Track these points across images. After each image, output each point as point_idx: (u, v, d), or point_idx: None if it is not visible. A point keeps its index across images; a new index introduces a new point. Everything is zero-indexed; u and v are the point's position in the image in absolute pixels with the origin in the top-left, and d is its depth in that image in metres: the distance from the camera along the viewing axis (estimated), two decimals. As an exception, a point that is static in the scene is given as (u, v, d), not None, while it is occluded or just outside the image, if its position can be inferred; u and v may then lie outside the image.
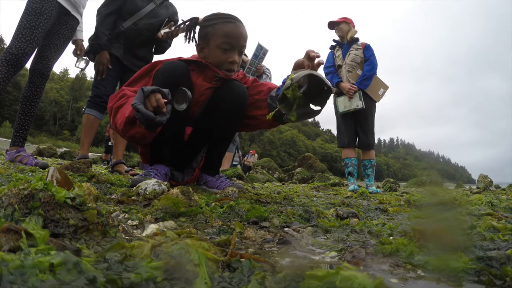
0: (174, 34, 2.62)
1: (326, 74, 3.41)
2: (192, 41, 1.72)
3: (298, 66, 1.39)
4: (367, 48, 3.36)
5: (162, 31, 2.62)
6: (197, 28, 1.66)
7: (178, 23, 2.63)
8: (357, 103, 3.23)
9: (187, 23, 1.74)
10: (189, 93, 1.33)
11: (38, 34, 2.11)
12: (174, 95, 1.30)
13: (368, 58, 3.33)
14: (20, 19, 2.11)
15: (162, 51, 2.85)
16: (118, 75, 2.68)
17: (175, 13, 2.78)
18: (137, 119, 1.21)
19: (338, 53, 3.41)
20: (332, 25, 3.45)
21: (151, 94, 1.22)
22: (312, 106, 1.38)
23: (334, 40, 3.50)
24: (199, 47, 1.60)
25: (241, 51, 1.55)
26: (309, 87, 1.35)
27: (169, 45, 2.85)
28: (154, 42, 2.75)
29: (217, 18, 1.54)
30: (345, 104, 3.29)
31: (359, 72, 3.33)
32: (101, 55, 2.53)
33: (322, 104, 1.36)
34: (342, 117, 3.37)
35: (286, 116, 1.34)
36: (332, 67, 3.42)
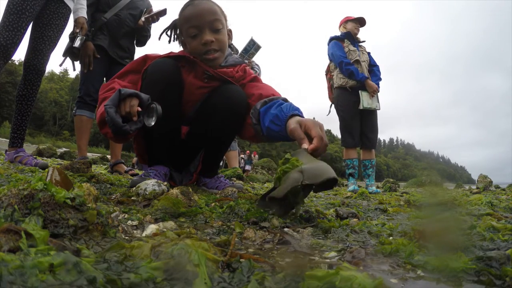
0: (154, 19, 2.74)
1: (345, 64, 3.26)
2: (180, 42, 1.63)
3: (299, 139, 1.02)
4: (370, 55, 3.49)
5: (143, 17, 2.73)
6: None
7: (157, 11, 2.76)
8: (376, 104, 3.32)
9: (170, 28, 1.64)
10: (159, 108, 1.20)
11: (25, 18, 2.00)
12: (146, 109, 1.21)
13: (375, 64, 3.46)
14: (7, 3, 2.02)
15: (143, 41, 2.93)
16: (104, 70, 2.70)
17: (150, 5, 2.93)
18: (106, 121, 1.15)
19: (352, 48, 3.38)
20: (362, 22, 3.49)
21: (128, 98, 1.16)
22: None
23: (345, 33, 3.45)
24: (182, 44, 1.53)
25: (213, 28, 1.39)
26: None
27: (149, 36, 2.95)
28: (135, 33, 2.86)
29: (181, 10, 1.44)
30: (368, 101, 3.29)
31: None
32: (86, 46, 2.51)
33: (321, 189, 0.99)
34: (352, 118, 3.33)
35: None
36: (348, 59, 3.33)
